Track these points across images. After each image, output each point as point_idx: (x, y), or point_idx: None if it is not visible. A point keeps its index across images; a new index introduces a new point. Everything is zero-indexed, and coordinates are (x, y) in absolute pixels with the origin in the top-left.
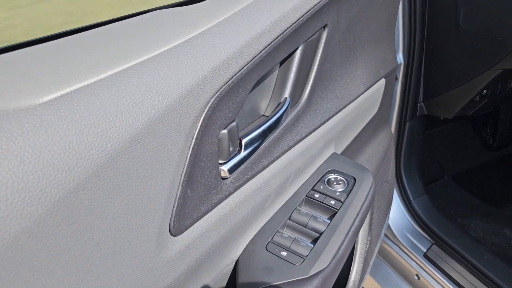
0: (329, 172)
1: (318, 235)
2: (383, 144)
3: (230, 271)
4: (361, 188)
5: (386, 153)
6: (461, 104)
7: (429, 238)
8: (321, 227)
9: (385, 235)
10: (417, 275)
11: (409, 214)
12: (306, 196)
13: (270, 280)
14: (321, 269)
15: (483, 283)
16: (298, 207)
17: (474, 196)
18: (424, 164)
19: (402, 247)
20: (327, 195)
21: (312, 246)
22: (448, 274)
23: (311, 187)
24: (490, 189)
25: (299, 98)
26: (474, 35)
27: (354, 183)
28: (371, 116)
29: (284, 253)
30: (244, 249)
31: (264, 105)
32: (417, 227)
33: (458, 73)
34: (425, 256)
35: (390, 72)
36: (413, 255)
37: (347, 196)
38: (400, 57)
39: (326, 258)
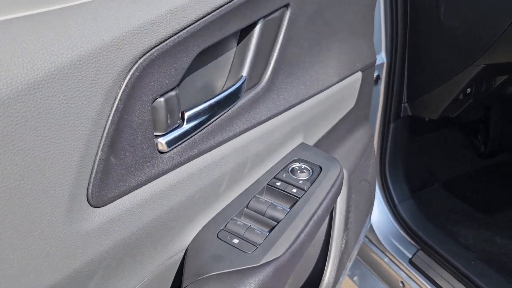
0: (295, 161)
1: (276, 223)
2: (362, 141)
3: (180, 260)
4: (327, 177)
5: (365, 150)
6: (445, 104)
7: (415, 244)
8: (280, 215)
9: (369, 240)
10: (402, 282)
11: (394, 219)
12: (267, 184)
13: (218, 268)
14: (274, 257)
15: None
16: (257, 195)
17: (465, 203)
18: (413, 169)
19: (387, 253)
20: (289, 183)
21: (268, 234)
22: (434, 281)
23: (273, 176)
24: (481, 196)
25: (259, 79)
26: (456, 31)
27: (320, 172)
28: (347, 110)
29: (236, 241)
30: (195, 236)
31: (220, 84)
32: (402, 232)
33: (440, 71)
34: (411, 262)
35: (368, 67)
36: (398, 261)
37: (311, 184)
38: (383, 57)
39: (281, 247)
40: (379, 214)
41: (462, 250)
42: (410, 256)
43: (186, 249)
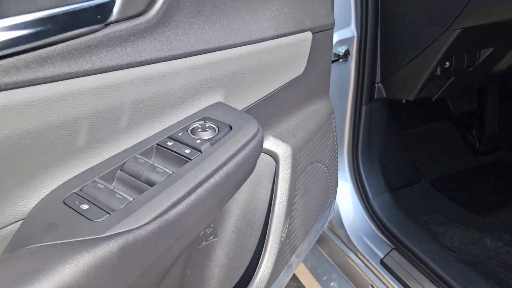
0: (200, 120)
1: (149, 188)
2: (316, 118)
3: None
4: (236, 137)
5: (321, 128)
6: (422, 79)
7: (389, 243)
8: (158, 179)
9: (338, 237)
10: (372, 285)
11: (367, 214)
12: (156, 144)
13: (47, 239)
14: (127, 229)
15: None
16: (137, 155)
17: (455, 203)
18: (398, 165)
19: (357, 253)
20: (183, 143)
21: (131, 200)
22: (405, 283)
23: (167, 135)
24: (473, 196)
25: (145, 9)
26: None
27: (228, 133)
28: (292, 76)
29: (85, 207)
30: (39, 202)
31: None
32: (375, 230)
33: (414, 41)
34: (382, 263)
35: (322, 29)
36: (368, 261)
37: (212, 145)
38: (353, 30)
39: (143, 217)
40: (350, 209)
41: (442, 251)
42: (382, 256)
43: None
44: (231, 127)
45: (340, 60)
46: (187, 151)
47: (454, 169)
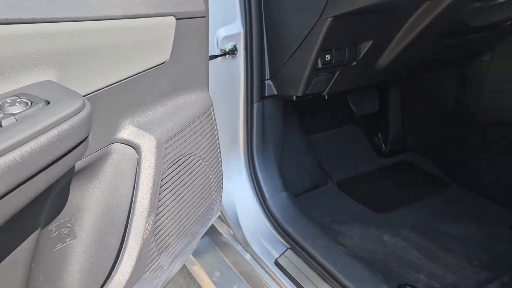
0: (15, 96)
1: None
2: (189, 110)
3: None
4: (49, 112)
5: (195, 121)
6: (305, 75)
7: (284, 243)
8: None
9: (234, 238)
10: (266, 286)
11: (263, 214)
12: None
13: None
14: None
15: None
16: None
17: (358, 203)
18: (306, 168)
19: (253, 254)
20: None
21: None
22: (298, 283)
23: None
24: (376, 195)
25: None
26: None
27: (42, 108)
28: (154, 63)
29: None
30: None
31: None
32: (272, 230)
33: (292, 34)
34: (276, 263)
35: (188, 15)
36: (263, 262)
37: (17, 120)
38: (239, 25)
39: None
40: (247, 209)
41: (335, 249)
42: (277, 256)
43: None
44: (48, 103)
45: (227, 56)
46: None
47: (361, 171)
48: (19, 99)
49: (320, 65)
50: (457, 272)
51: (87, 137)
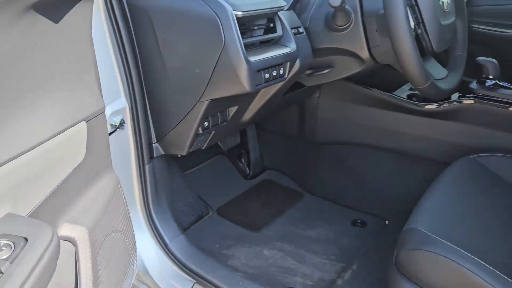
0: None
1: None
2: (105, 193)
3: None
4: (33, 250)
5: (111, 201)
6: (189, 139)
7: (191, 279)
8: None
9: (145, 284)
10: None
11: (168, 258)
12: None
13: None
14: None
15: None
16: None
17: (238, 225)
18: (187, 203)
19: None
20: None
21: None
22: None
23: None
24: (251, 215)
25: None
26: (179, 72)
27: (25, 246)
28: (76, 164)
29: None
30: None
31: None
32: (178, 270)
33: (176, 110)
34: None
35: (94, 115)
36: None
37: (11, 263)
38: (123, 101)
39: None
40: (152, 257)
41: (231, 273)
42: None
43: None
44: (26, 239)
45: (118, 129)
46: None
47: (233, 195)
48: (2, 243)
49: (201, 131)
50: (321, 269)
51: (58, 255)
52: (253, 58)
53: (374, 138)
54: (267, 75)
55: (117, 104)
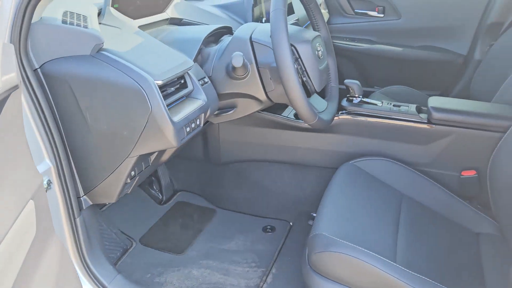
0: None
1: None
2: (55, 257)
3: None
4: None
5: (61, 262)
6: (118, 189)
7: None
8: None
9: None
10: None
11: None
12: None
13: None
14: None
15: None
16: None
17: (163, 251)
18: (112, 241)
19: None
20: None
21: None
22: None
23: None
24: (173, 238)
25: None
26: (105, 133)
27: None
28: (30, 242)
29: None
30: None
31: None
32: None
33: (105, 165)
34: None
35: (37, 190)
36: None
37: None
38: (48, 163)
39: None
40: None
41: None
42: None
43: None
44: None
45: (46, 188)
46: None
47: (152, 222)
48: None
49: (129, 180)
50: (245, 277)
51: None
52: (176, 118)
53: (271, 154)
54: (188, 129)
55: (41, 166)
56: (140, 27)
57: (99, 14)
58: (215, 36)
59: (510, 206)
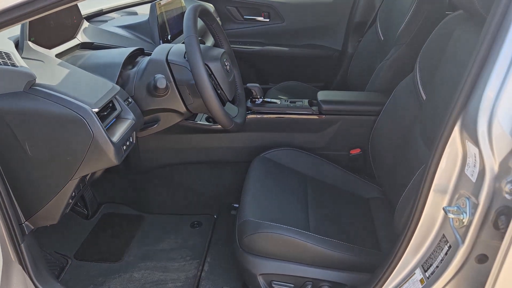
0: None
1: None
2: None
3: None
4: None
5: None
6: (60, 211)
7: None
8: None
9: None
10: None
11: None
12: None
13: None
14: None
15: None
16: None
17: (100, 262)
18: (47, 261)
19: None
20: None
21: None
22: None
23: None
24: (107, 249)
25: None
26: (45, 161)
27: None
28: None
29: None
30: None
31: None
32: None
33: (46, 191)
34: None
35: None
36: None
37: None
38: None
39: None
40: None
41: None
42: None
43: None
44: None
45: None
46: None
47: (83, 238)
48: None
49: (70, 201)
50: (184, 270)
51: None
52: (114, 139)
53: (189, 156)
54: (125, 147)
55: None
56: (56, 55)
57: (16, 47)
58: (130, 58)
59: (387, 175)
